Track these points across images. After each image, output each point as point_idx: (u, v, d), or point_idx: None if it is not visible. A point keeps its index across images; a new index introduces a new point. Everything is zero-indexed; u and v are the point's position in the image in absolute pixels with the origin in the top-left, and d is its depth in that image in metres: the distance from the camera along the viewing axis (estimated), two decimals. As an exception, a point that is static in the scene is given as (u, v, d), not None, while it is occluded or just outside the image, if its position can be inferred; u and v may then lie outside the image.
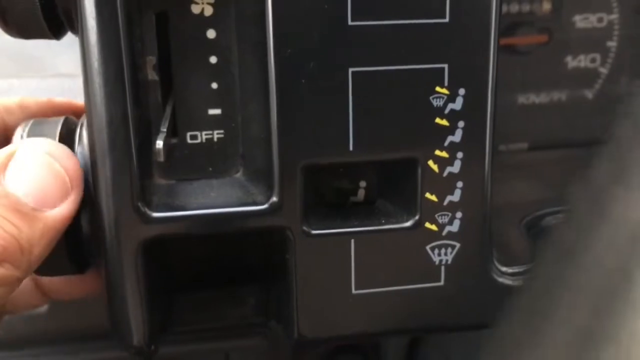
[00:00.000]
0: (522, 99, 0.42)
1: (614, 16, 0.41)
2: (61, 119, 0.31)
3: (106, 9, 0.26)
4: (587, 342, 0.12)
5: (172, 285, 0.33)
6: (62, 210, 0.27)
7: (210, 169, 0.30)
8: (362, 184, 0.32)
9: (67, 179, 0.27)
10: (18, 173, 0.26)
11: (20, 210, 0.26)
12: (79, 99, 0.48)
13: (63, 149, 0.28)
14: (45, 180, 0.26)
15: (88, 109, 0.27)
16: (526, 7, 0.40)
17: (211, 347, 0.44)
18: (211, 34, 0.29)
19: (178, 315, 0.33)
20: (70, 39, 0.54)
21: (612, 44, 0.42)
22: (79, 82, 0.50)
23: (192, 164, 0.30)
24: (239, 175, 0.30)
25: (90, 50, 0.26)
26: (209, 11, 0.29)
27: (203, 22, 0.29)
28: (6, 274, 0.26)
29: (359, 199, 0.33)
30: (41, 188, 0.26)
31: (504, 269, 0.32)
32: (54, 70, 0.53)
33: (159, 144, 0.27)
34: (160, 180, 0.29)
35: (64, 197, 0.27)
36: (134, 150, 0.27)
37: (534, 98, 0.42)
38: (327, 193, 0.32)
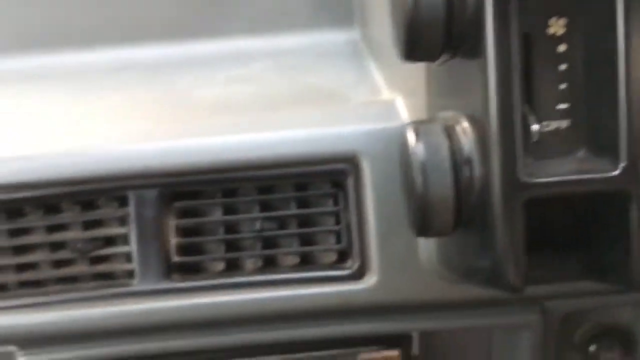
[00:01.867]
0: None
1: None
2: (440, 121, 0.42)
3: (500, 37, 0.37)
4: None
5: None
6: None
7: (561, 149, 0.39)
8: None
9: None
10: None
11: None
12: (376, 124, 0.57)
13: None
14: None
15: (484, 105, 0.37)
16: None
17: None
18: (562, 47, 0.39)
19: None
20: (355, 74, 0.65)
21: None
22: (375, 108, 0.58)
23: (546, 146, 0.39)
24: (582, 153, 0.39)
25: (488, 65, 0.37)
26: (561, 31, 0.39)
27: (556, 39, 0.39)
28: None
29: None
30: None
31: None
32: (349, 99, 0.64)
33: (535, 127, 0.37)
34: (528, 159, 0.39)
35: None
36: (517, 133, 0.37)
37: None
38: None
